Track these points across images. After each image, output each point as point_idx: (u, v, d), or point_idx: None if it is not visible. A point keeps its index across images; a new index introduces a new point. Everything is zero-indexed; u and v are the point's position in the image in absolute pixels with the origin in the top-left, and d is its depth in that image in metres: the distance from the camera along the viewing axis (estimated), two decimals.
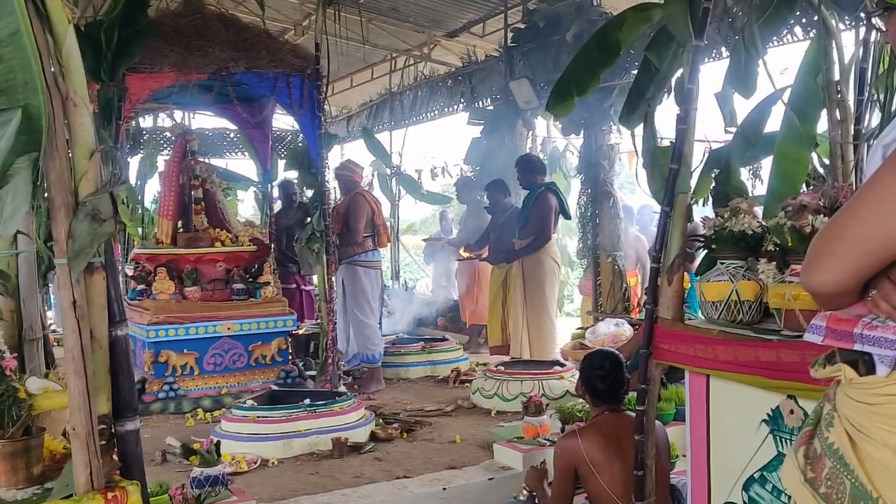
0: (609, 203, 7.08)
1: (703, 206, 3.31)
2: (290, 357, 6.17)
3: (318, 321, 6.10)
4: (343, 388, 5.54)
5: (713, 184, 3.22)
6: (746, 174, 3.87)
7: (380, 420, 5.00)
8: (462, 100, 9.38)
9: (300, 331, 6.80)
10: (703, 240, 2.67)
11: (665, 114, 3.26)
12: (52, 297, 7.43)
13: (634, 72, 6.61)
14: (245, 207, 12.35)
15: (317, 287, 6.38)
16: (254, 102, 6.58)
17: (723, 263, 2.55)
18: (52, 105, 1.82)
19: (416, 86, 10.23)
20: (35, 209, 2.97)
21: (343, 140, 12.40)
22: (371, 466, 4.22)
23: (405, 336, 7.81)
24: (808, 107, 2.91)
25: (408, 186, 10.80)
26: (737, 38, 3.02)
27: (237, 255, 6.12)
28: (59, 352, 3.62)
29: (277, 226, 7.44)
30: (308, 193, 6.25)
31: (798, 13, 4.40)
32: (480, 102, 8.98)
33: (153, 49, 5.02)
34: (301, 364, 6.27)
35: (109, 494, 1.88)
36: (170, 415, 5.46)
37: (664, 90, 3.18)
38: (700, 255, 3.00)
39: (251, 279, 6.13)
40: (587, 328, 6.71)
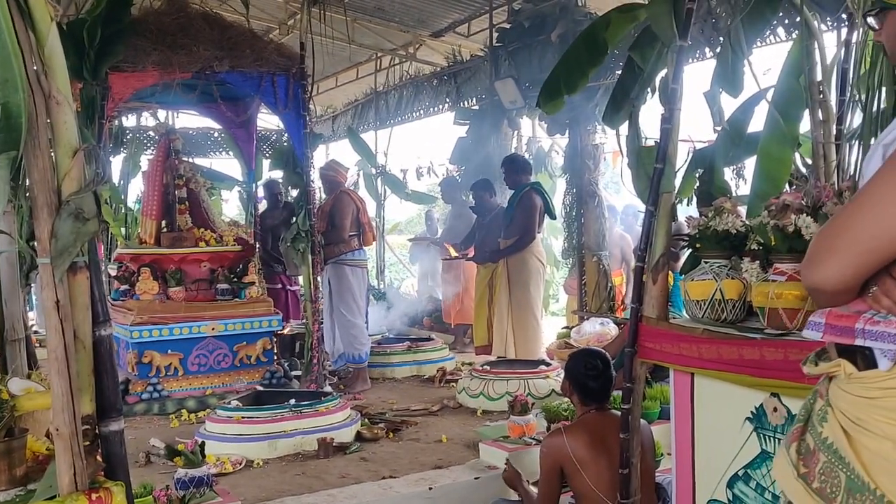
0: (594, 203, 7.12)
1: (688, 206, 3.33)
2: (276, 357, 6.15)
3: (304, 321, 6.08)
4: (329, 388, 5.52)
5: (697, 183, 3.24)
6: (730, 174, 3.91)
7: (365, 420, 4.99)
8: (447, 99, 9.39)
9: (285, 331, 6.78)
10: (688, 239, 2.68)
11: (649, 114, 3.28)
12: (34, 298, 7.35)
13: (619, 72, 6.68)
14: (230, 207, 12.30)
15: (302, 287, 6.36)
16: (238, 102, 6.55)
17: (707, 262, 2.56)
18: (35, 103, 1.80)
19: (402, 85, 10.23)
20: (16, 209, 2.94)
21: (328, 140, 12.39)
22: (357, 466, 4.22)
23: (391, 336, 7.80)
24: (791, 107, 2.94)
25: (393, 186, 10.80)
26: (722, 39, 3.05)
27: (222, 255, 6.09)
28: (42, 353, 3.61)
29: (262, 226, 7.41)
30: (293, 193, 6.23)
31: (781, 14, 4.44)
32: (466, 102, 9.00)
33: (136, 48, 4.99)
34: (286, 364, 6.25)
35: (94, 495, 1.87)
36: (154, 416, 5.43)
37: (648, 90, 3.20)
38: (684, 255, 3.02)
39: (236, 279, 6.10)
40: (573, 327, 6.73)
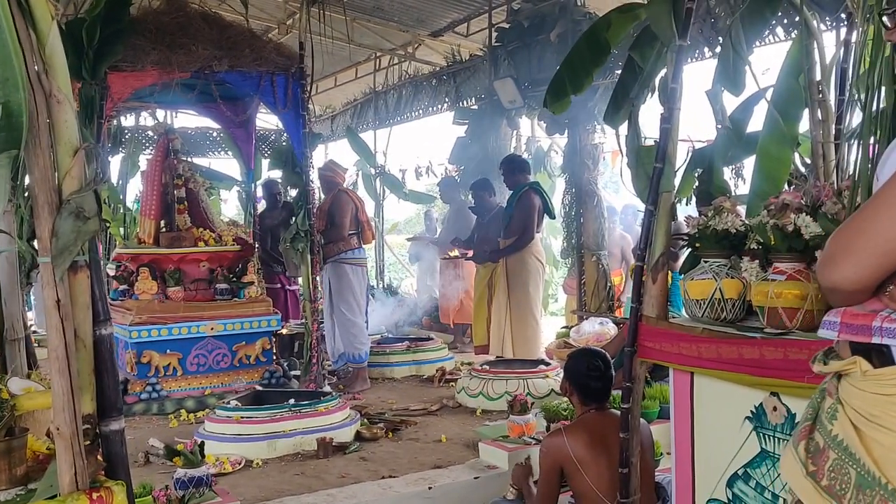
0: (593, 202, 7.12)
1: (687, 206, 3.34)
2: (275, 357, 6.15)
3: (303, 321, 6.08)
4: (328, 388, 5.52)
5: (696, 183, 3.25)
6: (729, 173, 3.92)
7: (365, 420, 4.99)
8: (446, 99, 9.39)
9: (284, 331, 6.78)
10: (687, 238, 2.69)
11: (649, 113, 3.29)
12: (32, 298, 7.35)
13: (618, 72, 6.70)
14: (228, 207, 12.30)
15: (301, 287, 6.36)
16: (237, 101, 6.55)
17: (706, 262, 2.56)
18: (36, 102, 1.80)
19: (401, 85, 10.22)
20: (15, 208, 2.94)
21: (327, 139, 12.38)
22: (356, 466, 4.22)
23: (390, 336, 7.81)
24: (791, 106, 2.95)
25: (391, 186, 10.80)
26: (721, 39, 3.06)
27: (221, 255, 6.08)
28: (41, 352, 3.61)
29: (262, 226, 7.41)
30: (292, 193, 6.23)
31: (780, 14, 4.44)
32: (465, 102, 9.00)
33: (135, 47, 4.99)
34: (285, 364, 6.25)
35: (94, 495, 1.87)
36: (153, 416, 5.43)
37: (648, 90, 3.20)
38: (684, 254, 3.02)
39: (235, 279, 6.10)
40: (572, 327, 6.74)
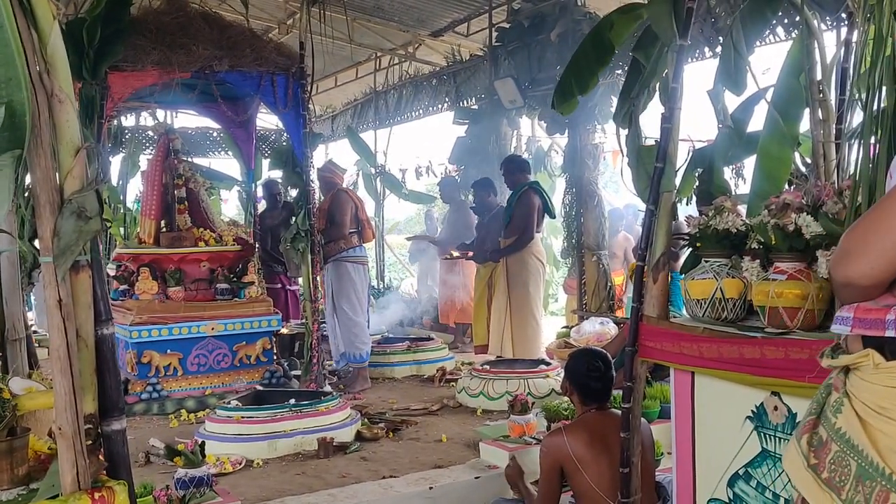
0: (594, 202, 7.13)
1: (687, 205, 3.34)
2: (275, 357, 6.15)
3: (303, 321, 6.09)
4: (328, 388, 5.52)
5: (697, 183, 3.25)
6: (729, 173, 3.92)
7: (365, 420, 4.99)
8: (447, 99, 9.39)
9: (285, 330, 6.78)
10: (688, 238, 2.69)
11: (650, 113, 3.29)
12: (32, 298, 7.35)
13: (619, 71, 6.71)
14: (229, 207, 12.32)
15: (302, 287, 6.36)
16: (238, 101, 6.55)
17: (707, 261, 2.56)
18: (38, 101, 1.80)
19: (401, 85, 10.23)
20: (16, 208, 2.94)
21: (327, 139, 12.38)
22: (357, 466, 4.22)
23: (390, 335, 7.81)
24: (791, 106, 2.95)
25: (391, 186, 10.81)
26: (721, 39, 3.06)
27: (221, 255, 6.08)
28: (42, 353, 3.61)
29: (262, 226, 7.41)
30: (292, 193, 6.24)
31: (781, 14, 4.44)
32: (465, 102, 9.00)
33: (136, 47, 4.99)
34: (286, 364, 6.25)
35: (96, 494, 1.87)
36: (153, 416, 5.43)
37: (649, 89, 3.20)
38: (684, 254, 3.02)
39: (235, 279, 6.10)
40: (572, 327, 6.74)
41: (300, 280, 6.53)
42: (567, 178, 7.37)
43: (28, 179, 1.95)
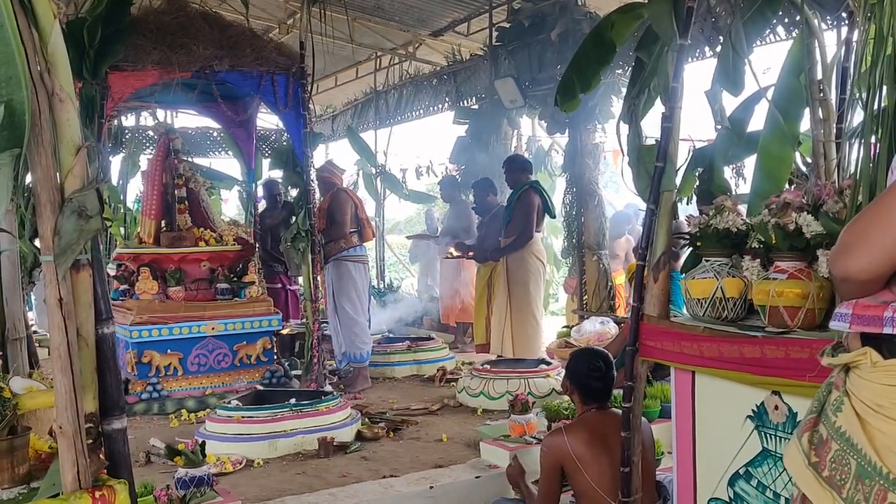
0: (594, 202, 7.13)
1: (688, 205, 3.34)
2: (276, 357, 6.15)
3: (304, 321, 6.09)
4: (329, 388, 5.52)
5: (697, 182, 3.25)
6: (730, 172, 3.92)
7: (366, 419, 4.99)
8: (447, 99, 9.40)
9: (285, 330, 6.78)
10: (688, 237, 2.69)
11: (650, 112, 3.29)
12: (33, 298, 7.35)
13: (619, 71, 6.71)
14: (229, 207, 12.31)
15: (302, 286, 6.36)
16: (238, 101, 6.55)
17: (708, 261, 2.57)
18: (38, 100, 1.80)
19: (401, 85, 10.23)
20: (16, 208, 2.94)
21: (328, 139, 12.39)
22: (357, 466, 4.22)
23: (391, 335, 7.81)
24: (792, 105, 2.95)
25: (391, 185, 10.81)
26: (722, 38, 3.06)
27: (221, 255, 6.09)
28: (42, 352, 3.61)
29: (262, 225, 7.41)
30: (293, 193, 6.23)
31: (781, 13, 4.44)
32: (465, 101, 9.01)
33: (136, 47, 4.99)
34: (286, 364, 6.25)
35: (97, 493, 1.87)
36: (153, 416, 5.43)
37: (649, 89, 3.20)
38: (685, 253, 3.02)
39: (236, 279, 6.10)
40: (573, 326, 6.74)
41: (300, 280, 6.53)
42: (567, 178, 7.37)
43: (29, 178, 1.95)
